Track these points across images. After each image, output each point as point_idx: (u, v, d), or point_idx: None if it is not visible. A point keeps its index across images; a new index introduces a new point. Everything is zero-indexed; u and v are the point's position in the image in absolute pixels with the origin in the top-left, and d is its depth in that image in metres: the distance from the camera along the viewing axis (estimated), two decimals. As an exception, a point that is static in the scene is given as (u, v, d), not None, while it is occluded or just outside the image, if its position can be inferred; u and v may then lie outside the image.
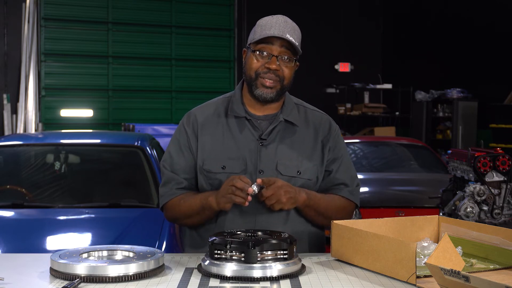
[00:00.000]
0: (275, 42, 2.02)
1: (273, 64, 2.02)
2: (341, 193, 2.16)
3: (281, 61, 2.03)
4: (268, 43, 2.02)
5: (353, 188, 2.18)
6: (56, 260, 1.69)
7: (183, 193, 2.11)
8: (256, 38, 2.03)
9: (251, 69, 2.06)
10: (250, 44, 2.07)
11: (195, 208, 2.05)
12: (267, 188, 1.93)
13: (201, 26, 11.56)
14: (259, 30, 2.04)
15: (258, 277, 1.66)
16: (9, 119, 10.38)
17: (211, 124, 2.13)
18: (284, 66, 2.04)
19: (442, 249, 1.58)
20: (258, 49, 2.03)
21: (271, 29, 2.01)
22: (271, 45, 2.02)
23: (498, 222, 3.53)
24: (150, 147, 4.40)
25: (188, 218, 2.11)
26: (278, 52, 2.02)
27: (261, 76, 2.04)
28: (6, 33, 10.54)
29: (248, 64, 2.07)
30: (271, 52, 2.02)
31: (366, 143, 7.03)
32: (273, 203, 1.94)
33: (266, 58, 2.03)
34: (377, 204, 5.33)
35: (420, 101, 10.99)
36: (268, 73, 2.03)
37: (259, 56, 2.03)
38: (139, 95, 11.25)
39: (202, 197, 2.04)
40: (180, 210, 2.10)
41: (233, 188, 1.90)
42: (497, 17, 10.14)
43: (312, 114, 2.20)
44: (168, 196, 2.12)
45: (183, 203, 2.08)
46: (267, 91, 2.05)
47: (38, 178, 4.18)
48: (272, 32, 2.00)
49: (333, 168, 2.16)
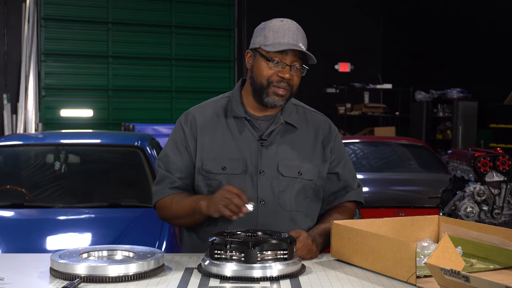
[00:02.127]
0: (289, 51, 2.01)
1: (286, 74, 2.01)
2: (348, 198, 2.19)
3: (293, 70, 2.03)
4: (282, 52, 2.00)
5: (357, 188, 2.22)
6: (56, 260, 1.69)
7: (175, 193, 2.10)
8: (270, 47, 2.00)
9: (262, 76, 2.03)
10: (260, 49, 2.03)
11: (185, 209, 2.04)
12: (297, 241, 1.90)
13: (201, 26, 11.56)
14: (272, 36, 2.01)
15: (258, 277, 1.66)
16: (9, 119, 10.38)
17: (210, 125, 2.12)
18: (295, 75, 2.04)
19: (442, 249, 1.58)
20: (271, 57, 2.01)
21: (285, 37, 2.00)
22: (285, 54, 2.01)
23: (498, 222, 3.53)
24: (150, 147, 4.40)
25: (178, 219, 2.11)
26: (291, 62, 2.02)
27: (274, 84, 2.03)
28: (6, 33, 10.54)
29: (259, 70, 2.04)
30: (285, 62, 2.01)
31: (366, 143, 7.03)
32: (304, 254, 1.93)
33: (279, 67, 2.02)
34: (377, 204, 5.33)
35: (420, 101, 10.99)
36: (281, 82, 2.02)
37: (272, 64, 2.02)
38: (139, 95, 11.25)
39: (193, 199, 2.02)
40: (171, 210, 2.09)
41: (227, 202, 1.86)
42: (497, 17, 10.14)
43: (311, 115, 2.21)
44: (160, 194, 2.12)
45: (174, 204, 2.07)
46: (279, 99, 2.04)
47: (38, 178, 4.18)
48: (287, 41, 1.99)
49: (338, 171, 2.18)
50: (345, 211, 2.18)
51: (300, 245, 1.92)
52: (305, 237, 1.94)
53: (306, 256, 1.94)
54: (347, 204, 2.21)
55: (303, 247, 1.93)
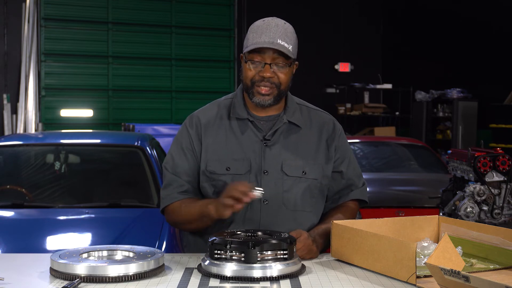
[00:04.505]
0: (267, 50, 2.00)
1: (267, 72, 2.01)
2: (351, 196, 2.19)
3: (275, 67, 2.02)
4: (259, 51, 2.01)
5: (361, 187, 2.22)
6: (56, 260, 1.69)
7: (185, 198, 2.10)
8: (248, 47, 2.01)
9: (246, 78, 2.05)
10: (244, 52, 2.05)
11: (194, 214, 2.04)
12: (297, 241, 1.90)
13: (201, 26, 11.56)
14: (251, 37, 2.02)
15: (258, 277, 1.66)
16: (9, 119, 10.38)
17: (214, 126, 2.12)
18: (279, 72, 2.03)
19: (442, 249, 1.58)
20: (251, 58, 2.02)
21: (262, 36, 1.99)
22: (263, 53, 2.01)
23: (498, 222, 3.52)
24: (150, 147, 4.40)
25: (188, 224, 2.10)
26: (271, 60, 2.01)
27: (256, 84, 2.04)
28: (6, 33, 10.54)
29: (243, 72, 2.07)
30: (263, 61, 2.01)
31: (366, 143, 7.03)
32: (304, 254, 1.94)
33: (259, 67, 2.02)
34: (377, 204, 5.32)
35: (420, 101, 10.98)
36: (263, 81, 2.03)
37: (252, 65, 2.03)
38: (139, 95, 11.25)
39: (201, 204, 2.02)
40: (180, 215, 2.09)
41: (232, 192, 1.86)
42: (497, 17, 10.14)
43: (315, 114, 2.21)
44: (169, 199, 2.11)
45: (183, 209, 2.07)
46: (264, 98, 2.05)
47: (38, 178, 4.18)
48: (263, 39, 1.99)
49: (342, 169, 2.17)
50: (348, 211, 2.17)
51: (300, 245, 1.91)
52: (306, 237, 1.94)
53: (306, 256, 1.94)
54: (350, 204, 2.20)
55: (303, 247, 1.93)
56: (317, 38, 11.76)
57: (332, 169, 2.16)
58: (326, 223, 2.08)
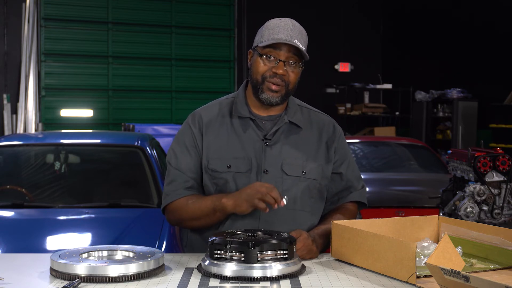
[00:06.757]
0: (283, 47, 2.02)
1: (280, 69, 2.02)
2: (350, 198, 2.20)
3: (287, 66, 2.04)
4: (275, 48, 2.02)
5: (360, 189, 2.22)
6: (56, 260, 1.69)
7: (190, 194, 2.09)
8: (264, 42, 2.03)
9: (257, 73, 2.05)
10: (257, 46, 2.06)
11: (205, 210, 2.03)
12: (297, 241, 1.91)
13: (201, 26, 11.56)
14: (267, 33, 2.04)
15: (258, 277, 1.66)
16: (9, 119, 10.38)
17: (215, 124, 2.13)
18: (290, 71, 2.05)
19: (442, 249, 1.58)
20: (266, 53, 2.03)
21: (279, 33, 2.01)
22: (279, 50, 2.02)
23: (498, 222, 3.52)
24: (150, 147, 4.40)
25: (195, 221, 2.08)
26: (285, 57, 2.03)
27: (267, 80, 2.04)
28: (6, 33, 10.54)
29: (254, 67, 2.07)
30: (278, 57, 2.03)
31: (366, 143, 7.03)
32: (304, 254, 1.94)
33: (273, 63, 2.03)
34: (377, 204, 5.33)
35: (420, 101, 10.98)
36: (275, 78, 2.03)
37: (266, 60, 2.04)
38: (139, 95, 11.25)
39: (213, 199, 2.02)
40: (186, 212, 2.07)
41: (263, 195, 1.88)
42: (497, 17, 10.14)
43: (315, 115, 2.22)
44: (175, 195, 2.10)
45: (191, 205, 2.06)
46: (273, 95, 2.05)
47: (38, 178, 4.18)
48: (280, 37, 2.00)
49: (342, 171, 2.18)
50: (347, 213, 2.18)
51: (300, 245, 1.92)
52: (306, 237, 1.95)
53: (306, 256, 1.94)
54: (349, 206, 2.21)
55: (303, 247, 1.93)
56: (317, 38, 11.72)
57: (331, 170, 2.17)
58: (325, 224, 2.08)
